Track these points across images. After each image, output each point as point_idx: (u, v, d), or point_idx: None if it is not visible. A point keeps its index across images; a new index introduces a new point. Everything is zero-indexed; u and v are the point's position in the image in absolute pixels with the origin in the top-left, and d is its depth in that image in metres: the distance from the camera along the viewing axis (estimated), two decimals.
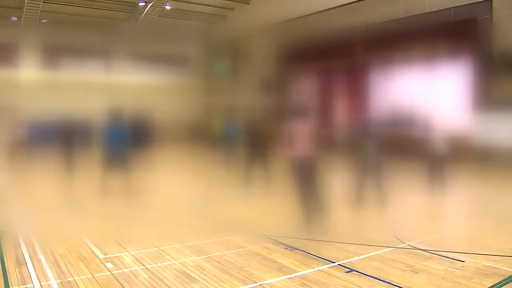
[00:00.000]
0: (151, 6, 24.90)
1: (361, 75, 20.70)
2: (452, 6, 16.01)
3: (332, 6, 20.29)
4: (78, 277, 5.16)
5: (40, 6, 23.20)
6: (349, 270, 5.42)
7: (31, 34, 25.30)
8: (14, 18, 24.53)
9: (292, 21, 22.04)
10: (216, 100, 23.11)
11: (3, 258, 5.81)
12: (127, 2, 25.03)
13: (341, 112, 20.58)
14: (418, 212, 9.06)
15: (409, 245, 6.43)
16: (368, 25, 18.26)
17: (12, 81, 23.98)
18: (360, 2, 18.95)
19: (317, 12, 21.01)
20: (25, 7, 23.06)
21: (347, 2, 19.51)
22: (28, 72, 25.58)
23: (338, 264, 5.64)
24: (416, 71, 17.92)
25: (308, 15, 21.38)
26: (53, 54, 26.19)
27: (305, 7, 21.50)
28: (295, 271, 5.39)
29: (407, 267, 5.51)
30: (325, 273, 5.33)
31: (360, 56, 20.18)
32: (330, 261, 5.75)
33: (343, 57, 20.93)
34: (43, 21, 24.38)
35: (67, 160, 13.62)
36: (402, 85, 18.24)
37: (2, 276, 5.18)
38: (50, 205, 9.72)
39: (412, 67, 18.03)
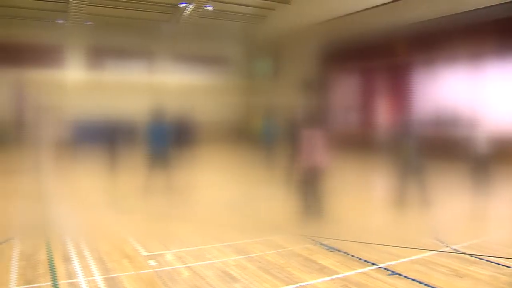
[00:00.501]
0: (192, 7, 25.16)
1: (403, 74, 20.40)
2: (499, 2, 15.54)
3: (373, 5, 20.01)
4: (122, 274, 5.28)
5: (85, 9, 23.81)
6: (391, 273, 5.34)
7: (77, 36, 25.99)
8: (60, 21, 25.27)
9: (333, 21, 21.88)
10: (257, 100, 23.23)
11: (51, 253, 6.00)
12: (169, 4, 25.37)
13: (382, 112, 20.33)
14: (463, 215, 8.85)
15: (453, 249, 6.29)
16: (410, 23, 17.95)
17: (58, 82, 24.70)
18: (402, 0, 18.62)
19: (358, 12, 20.77)
20: (70, 10, 23.71)
21: (389, 1, 19.21)
22: (74, 73, 26.30)
23: (380, 267, 5.56)
24: (460, 70, 17.51)
25: (349, 14, 21.17)
26: (98, 55, 26.86)
27: (346, 7, 21.30)
28: (337, 273, 5.35)
29: (451, 271, 5.38)
30: (367, 275, 5.27)
31: (402, 55, 19.88)
32: (372, 263, 5.68)
33: (385, 56, 20.68)
34: (88, 23, 24.94)
35: (111, 158, 13.96)
36: (446, 84, 17.86)
37: (50, 271, 5.35)
38: (94, 203, 9.97)
39: (456, 66, 17.63)
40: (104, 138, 14.47)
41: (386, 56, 20.62)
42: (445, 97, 17.69)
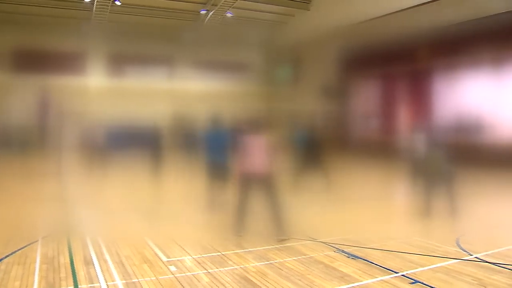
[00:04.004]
0: (212, 14, 25.32)
1: (425, 80, 20.21)
2: None
3: (394, 10, 19.90)
4: (143, 279, 5.29)
5: (107, 16, 24.13)
6: (413, 281, 5.26)
7: (98, 43, 26.32)
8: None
9: (353, 27, 21.81)
10: (278, 106, 23.17)
11: (72, 257, 6.06)
12: (190, 11, 25.57)
13: (404, 118, 20.18)
14: (486, 223, 8.68)
15: (476, 257, 6.18)
16: (432, 28, 17.80)
17: (81, 88, 25.03)
18: (424, 5, 18.49)
19: (378, 17, 20.68)
20: (92, 17, 24.07)
21: (410, 6, 19.08)
22: (96, 79, 26.62)
23: (402, 275, 5.48)
24: (483, 76, 17.29)
25: (369, 20, 21.08)
26: (119, 62, 27.16)
27: (366, 12, 21.22)
28: (358, 280, 5.29)
29: (475, 280, 5.28)
30: (388, 283, 5.20)
31: (424, 61, 19.70)
32: (393, 271, 5.61)
33: (406, 62, 20.53)
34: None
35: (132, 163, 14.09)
36: (469, 90, 17.65)
37: (72, 275, 5.40)
38: (115, 208, 10.04)
39: (479, 71, 17.42)
40: (125, 143, 14.61)
41: (407, 62, 20.47)
42: (468, 103, 17.47)
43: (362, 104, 23.40)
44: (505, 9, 15.70)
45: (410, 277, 5.41)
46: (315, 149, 11.86)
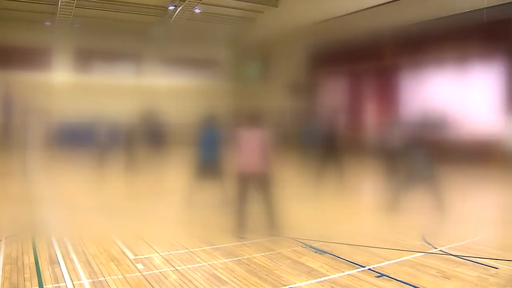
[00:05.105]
0: (180, 9, 25.12)
1: (391, 78, 20.50)
2: (485, 6, 15.71)
3: (361, 8, 20.13)
4: (110, 277, 5.23)
5: (73, 11, 23.68)
6: (379, 275, 5.35)
7: (64, 38, 25.82)
8: (48, 23, 25.12)
9: (321, 24, 21.97)
10: (246, 103, 23.21)
11: (37, 257, 5.94)
12: (157, 6, 25.32)
13: (371, 115, 20.43)
14: (451, 217, 8.86)
15: (440, 250, 6.32)
16: (398, 26, 18.07)
17: (46, 84, 24.52)
18: (390, 3, 18.76)
19: (346, 14, 20.89)
20: (58, 12, 23.57)
21: (377, 4, 19.32)
22: (61, 75, 26.11)
23: (368, 269, 5.57)
24: (447, 74, 17.65)
25: (337, 17, 21.27)
26: (85, 58, 26.70)
27: (334, 9, 21.41)
28: (325, 275, 5.35)
29: (439, 273, 5.41)
30: (355, 277, 5.28)
31: (390, 58, 19.98)
32: (360, 265, 5.69)
33: (373, 59, 20.76)
34: (75, 25, 24.77)
35: (98, 161, 13.91)
36: (433, 87, 17.98)
37: (36, 275, 5.29)
38: (81, 206, 9.89)
39: (444, 69, 17.76)
40: (92, 140, 14.41)
41: (374, 59, 20.72)
42: (433, 100, 17.79)
43: (330, 101, 23.59)
44: (467, 9, 16.06)
45: (377, 270, 5.50)
46: (331, 146, 11.87)
